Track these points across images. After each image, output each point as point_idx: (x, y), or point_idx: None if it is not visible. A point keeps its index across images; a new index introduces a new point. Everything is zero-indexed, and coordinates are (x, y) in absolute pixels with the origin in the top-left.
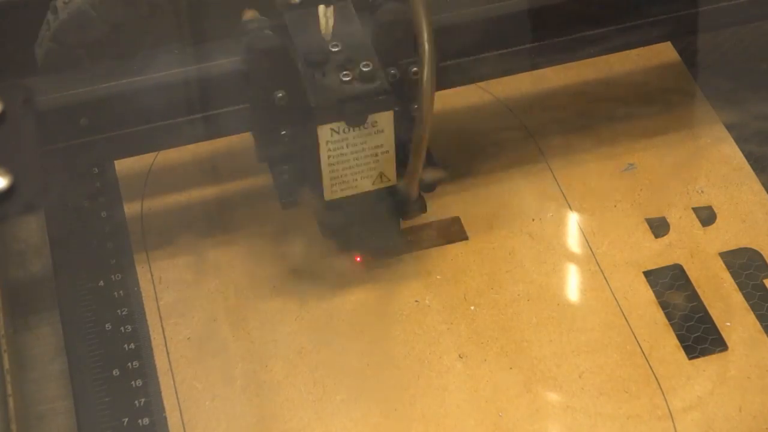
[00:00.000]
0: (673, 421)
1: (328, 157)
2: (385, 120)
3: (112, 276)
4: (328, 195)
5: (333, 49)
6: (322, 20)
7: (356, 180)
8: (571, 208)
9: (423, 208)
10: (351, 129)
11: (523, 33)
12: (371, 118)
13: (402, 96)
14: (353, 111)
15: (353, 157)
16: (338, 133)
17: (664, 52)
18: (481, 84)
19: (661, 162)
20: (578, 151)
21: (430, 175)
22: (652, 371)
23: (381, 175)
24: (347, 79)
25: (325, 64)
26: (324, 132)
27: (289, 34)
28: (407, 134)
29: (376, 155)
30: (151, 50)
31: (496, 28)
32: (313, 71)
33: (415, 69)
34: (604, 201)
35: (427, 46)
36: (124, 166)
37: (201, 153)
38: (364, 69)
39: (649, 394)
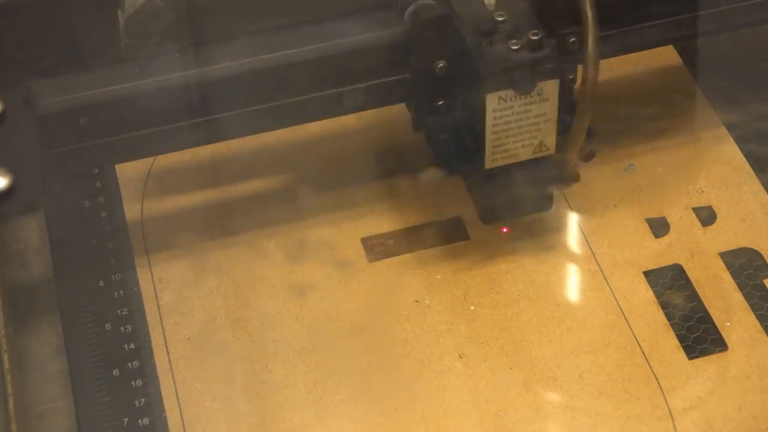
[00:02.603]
0: (673, 421)
1: (493, 125)
2: (550, 88)
3: (112, 276)
4: (489, 163)
5: (499, 19)
6: None
7: (517, 148)
8: (571, 208)
9: (576, 179)
10: (517, 97)
11: None
12: (538, 86)
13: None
14: (524, 78)
15: (517, 125)
16: (505, 101)
17: (665, 53)
18: None
19: (661, 162)
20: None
21: (588, 144)
22: (652, 371)
23: (541, 144)
24: (516, 47)
25: (493, 33)
26: (492, 100)
27: (451, 5)
28: (563, 105)
29: (539, 124)
30: (222, 37)
31: None
32: (482, 40)
33: (573, 39)
34: (604, 201)
35: (590, 15)
36: (124, 165)
37: (201, 153)
38: (533, 38)
39: (649, 394)
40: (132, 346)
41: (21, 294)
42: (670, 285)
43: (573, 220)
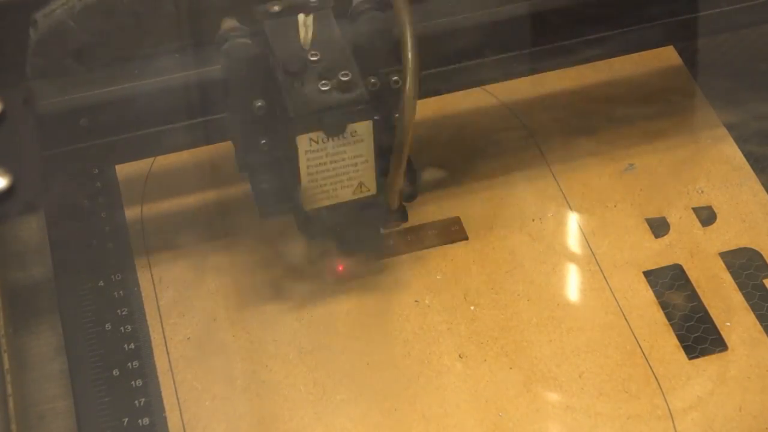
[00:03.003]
0: (673, 421)
1: (307, 167)
2: (364, 129)
3: (112, 276)
4: (308, 204)
5: (312, 58)
6: (302, 29)
7: (336, 189)
8: (571, 208)
9: (404, 218)
10: (330, 139)
11: (523, 37)
12: (350, 127)
13: (383, 105)
14: (332, 121)
15: (332, 166)
16: (317, 142)
17: (665, 53)
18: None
19: (661, 162)
20: (578, 152)
21: (410, 185)
22: (652, 371)
23: (361, 184)
24: (326, 88)
25: (303, 74)
26: (303, 142)
27: (268, 43)
28: (389, 143)
29: (356, 165)
30: (134, 58)
31: (496, 32)
32: (292, 80)
33: (395, 78)
34: (604, 201)
35: (410, 55)
36: (124, 166)
37: (201, 153)
38: (343, 78)
39: (649, 394)
40: (132, 346)
41: (21, 294)
42: (670, 285)
43: (573, 220)
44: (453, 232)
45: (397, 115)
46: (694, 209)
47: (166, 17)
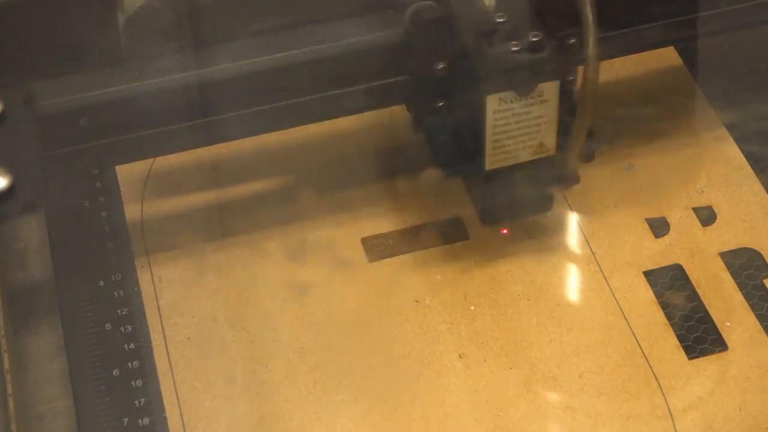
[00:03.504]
0: (673, 421)
1: (494, 126)
2: (551, 90)
3: (112, 276)
4: (489, 164)
5: (499, 20)
6: None
7: (517, 150)
8: (571, 208)
9: (577, 180)
10: (518, 99)
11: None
12: (538, 87)
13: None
14: (523, 80)
15: (517, 126)
16: (506, 102)
17: (665, 53)
18: None
19: (661, 162)
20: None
21: (588, 145)
22: (652, 371)
23: (541, 145)
24: (516, 49)
25: (493, 35)
26: (492, 101)
27: (451, 6)
28: (563, 106)
29: (539, 125)
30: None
31: None
32: (482, 41)
33: (573, 40)
34: (604, 201)
35: (590, 17)
36: (124, 165)
37: (201, 153)
38: (533, 39)
39: (649, 394)
40: (132, 346)
41: (21, 294)
42: (670, 285)
43: (573, 220)
44: (453, 232)
45: (570, 78)
46: (694, 209)
47: None
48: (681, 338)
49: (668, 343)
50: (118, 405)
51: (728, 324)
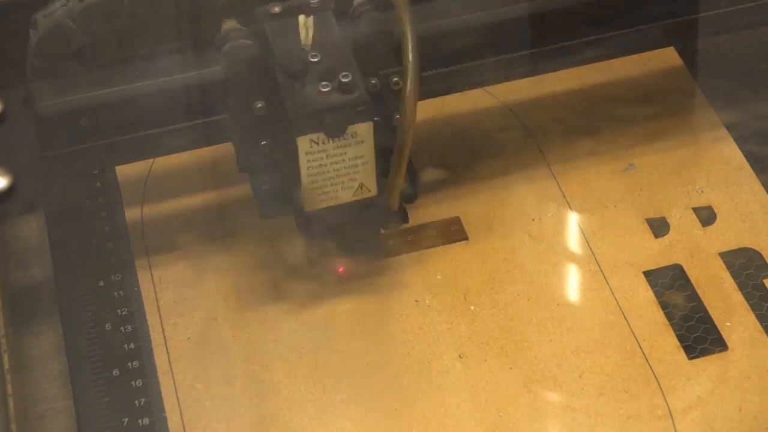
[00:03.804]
0: (673, 421)
1: (308, 168)
2: (364, 131)
3: (112, 276)
4: (309, 206)
5: (312, 60)
6: (302, 30)
7: (336, 191)
8: (571, 208)
9: (405, 219)
10: (330, 140)
11: (524, 38)
12: (351, 129)
13: (383, 106)
14: (332, 122)
15: (333, 168)
16: (317, 144)
17: (665, 53)
18: None
19: (661, 162)
20: (578, 151)
21: (411, 186)
22: (652, 371)
23: (361, 185)
24: (326, 89)
25: (304, 75)
26: (303, 143)
27: (269, 44)
28: (389, 144)
29: (356, 166)
30: (133, 59)
31: (497, 33)
32: (292, 81)
33: (396, 79)
34: (604, 201)
35: (411, 56)
36: (124, 166)
37: (201, 153)
38: (344, 80)
39: (649, 394)
40: (132, 346)
41: (21, 294)
42: (670, 285)
43: (573, 220)
44: (453, 232)
45: (398, 116)
46: (694, 209)
47: (166, 18)
48: (681, 338)
49: (668, 343)
50: (118, 405)
51: (728, 324)
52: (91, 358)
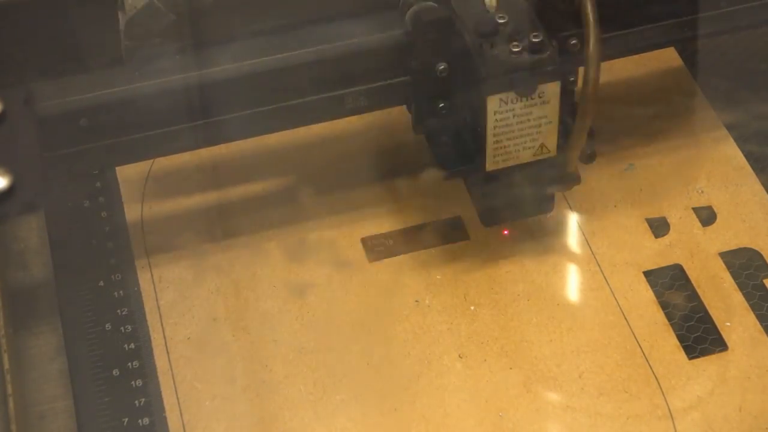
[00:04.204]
0: (673, 421)
1: (494, 127)
2: (551, 91)
3: (112, 276)
4: (491, 165)
5: (500, 21)
6: None
7: (518, 150)
8: (571, 208)
9: (578, 180)
10: (519, 100)
11: None
12: (539, 88)
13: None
14: (525, 81)
15: (518, 127)
16: (506, 103)
17: (665, 53)
18: None
19: (661, 162)
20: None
21: (589, 146)
22: (652, 371)
23: (542, 146)
24: (517, 49)
25: (494, 35)
26: (493, 102)
27: (452, 7)
28: (564, 106)
29: (540, 126)
30: (230, 37)
31: None
32: (483, 42)
33: (574, 41)
34: (604, 201)
35: (591, 17)
36: (124, 166)
37: (201, 153)
38: (534, 40)
39: (649, 394)
40: (132, 346)
41: (21, 294)
42: (670, 285)
43: (573, 220)
44: (453, 232)
45: (572, 78)
46: (694, 209)
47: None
48: (681, 338)
49: (668, 343)
50: (118, 405)
51: (728, 324)
52: (91, 358)
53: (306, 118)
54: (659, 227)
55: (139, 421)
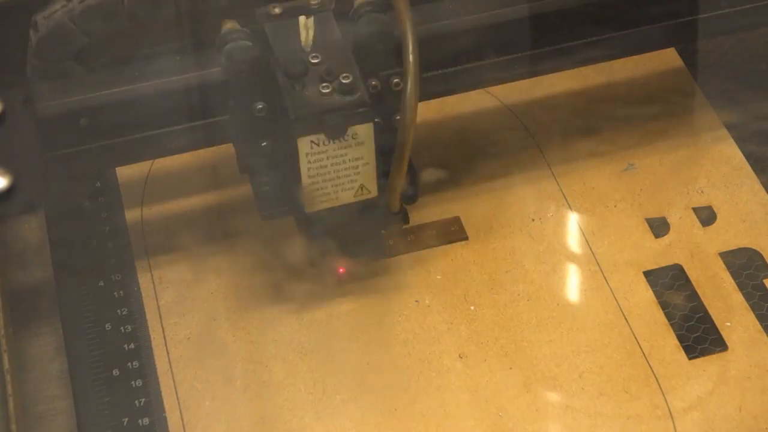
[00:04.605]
0: (673, 421)
1: (308, 169)
2: (365, 132)
3: (112, 276)
4: (309, 207)
5: (313, 61)
6: (303, 31)
7: (337, 192)
8: (571, 208)
9: (405, 220)
10: (331, 141)
11: (525, 39)
12: (351, 130)
13: (383, 107)
14: (333, 123)
15: (333, 169)
16: (318, 145)
17: (665, 53)
18: None
19: (661, 162)
20: (578, 151)
21: (411, 187)
22: (652, 371)
23: (362, 187)
24: (327, 91)
25: (304, 76)
26: (304, 144)
27: (269, 45)
28: (389, 145)
29: (357, 167)
30: (135, 59)
31: (497, 34)
32: (293, 83)
33: (396, 80)
34: (604, 201)
35: (411, 57)
36: (124, 166)
37: (201, 153)
38: (344, 81)
39: (649, 394)
40: (132, 346)
41: (21, 294)
42: (670, 285)
43: (573, 220)
44: (453, 232)
45: (398, 117)
46: (694, 209)
47: (166, 19)
48: (681, 338)
49: (668, 343)
50: (118, 405)
51: (728, 324)
52: (91, 358)
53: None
54: (659, 227)
55: (139, 421)
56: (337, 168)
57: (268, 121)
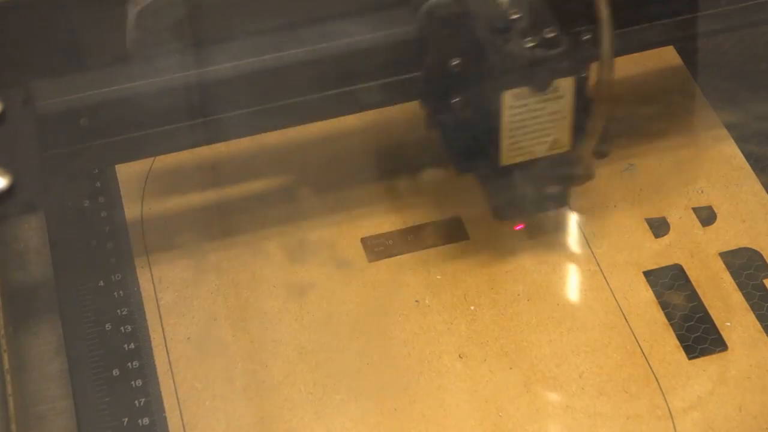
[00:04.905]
0: (673, 421)
1: (510, 122)
2: (566, 86)
3: (112, 276)
4: (506, 160)
5: (513, 16)
6: None
7: (532, 145)
8: (571, 208)
9: (592, 175)
10: (533, 94)
11: None
12: (554, 83)
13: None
14: (539, 76)
15: (532, 123)
16: (521, 98)
17: (665, 53)
18: None
19: (661, 162)
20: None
21: (603, 142)
22: (652, 371)
23: (556, 141)
24: (532, 44)
25: (508, 31)
26: (509, 97)
27: (465, 2)
28: (578, 101)
29: (554, 121)
30: (235, 32)
31: None
32: (497, 38)
33: (587, 36)
34: (604, 201)
35: (605, 13)
36: (124, 165)
37: (201, 153)
38: (549, 35)
39: (649, 394)
40: (132, 346)
41: (21, 294)
42: (670, 285)
43: (573, 220)
44: (453, 232)
45: (584, 75)
46: (694, 209)
47: None
48: (681, 338)
49: (668, 343)
50: (118, 405)
51: (728, 324)
52: (91, 358)
53: (321, 114)
54: (659, 227)
55: (139, 421)
56: (535, 122)
57: (461, 77)
